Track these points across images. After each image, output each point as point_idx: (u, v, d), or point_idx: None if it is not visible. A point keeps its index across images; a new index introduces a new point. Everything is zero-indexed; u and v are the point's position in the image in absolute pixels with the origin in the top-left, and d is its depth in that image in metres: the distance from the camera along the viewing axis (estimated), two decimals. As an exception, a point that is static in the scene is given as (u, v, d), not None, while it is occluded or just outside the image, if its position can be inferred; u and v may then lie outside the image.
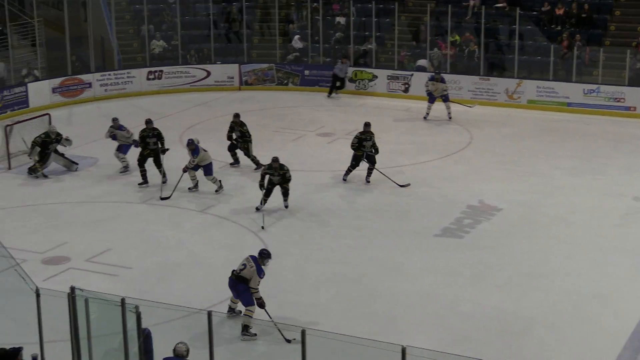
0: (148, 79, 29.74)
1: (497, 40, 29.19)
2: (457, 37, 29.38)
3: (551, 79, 27.63)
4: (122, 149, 21.63)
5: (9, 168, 21.78)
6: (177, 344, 11.07)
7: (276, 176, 18.63)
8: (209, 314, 10.74)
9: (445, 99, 26.11)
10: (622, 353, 13.21)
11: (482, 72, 28.45)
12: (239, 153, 21.88)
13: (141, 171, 20.56)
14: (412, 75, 29.02)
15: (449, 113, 26.01)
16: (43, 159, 21.20)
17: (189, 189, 19.90)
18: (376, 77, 29.55)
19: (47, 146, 21.21)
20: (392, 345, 9.68)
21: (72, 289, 10.92)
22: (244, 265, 13.82)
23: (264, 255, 13.99)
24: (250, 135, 21.77)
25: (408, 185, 20.29)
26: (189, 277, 15.81)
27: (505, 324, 14.18)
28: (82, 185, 20.75)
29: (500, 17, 29.60)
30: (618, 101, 26.77)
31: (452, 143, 24.06)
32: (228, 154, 21.86)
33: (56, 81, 28.23)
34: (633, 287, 15.46)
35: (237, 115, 21.97)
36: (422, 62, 29.42)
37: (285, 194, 18.85)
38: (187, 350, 10.95)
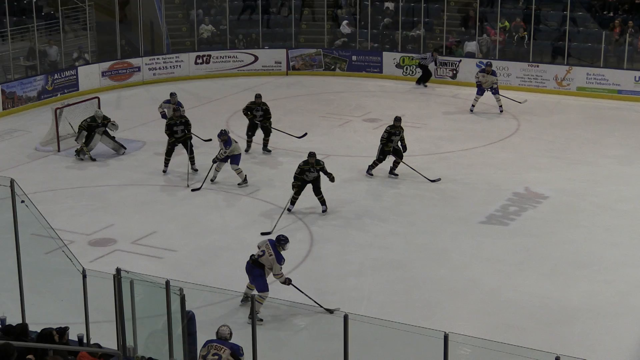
0: (196, 63, 29.89)
1: (548, 26, 28.91)
2: (507, 24, 29.13)
3: (602, 66, 27.33)
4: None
5: (58, 150, 22.04)
6: (221, 326, 11.15)
7: (312, 172, 17.96)
8: (252, 297, 10.83)
9: (495, 91, 25.30)
10: (668, 344, 13.11)
11: (531, 59, 28.22)
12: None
13: (165, 159, 20.53)
14: (460, 61, 28.86)
15: (500, 106, 25.29)
16: (89, 142, 21.43)
17: (211, 180, 19.72)
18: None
19: (93, 130, 21.43)
20: (434, 332, 9.67)
21: (118, 270, 11.04)
22: (263, 252, 13.79)
23: (282, 241, 13.97)
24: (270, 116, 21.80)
25: (439, 180, 19.86)
26: (233, 260, 15.85)
27: (549, 312, 14.11)
28: (128, 168, 20.94)
29: (552, 3, 29.29)
30: (669, 89, 26.46)
31: (499, 130, 23.92)
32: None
33: (106, 65, 28.48)
34: (680, 277, 15.31)
35: (258, 96, 21.93)
36: (471, 45, 29.22)
37: (320, 196, 18.08)
38: (230, 333, 11.03)
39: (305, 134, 22.14)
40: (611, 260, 15.98)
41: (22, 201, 11.45)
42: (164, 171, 20.44)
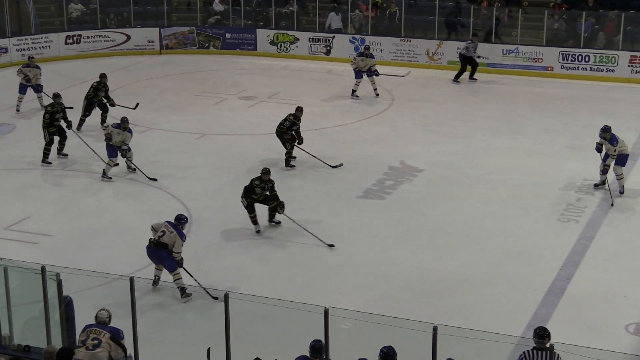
0: (66, 43, 29.22)
1: (417, 1, 29.27)
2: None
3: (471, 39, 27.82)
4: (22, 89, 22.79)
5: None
6: (99, 310, 10.96)
7: (265, 190, 16.28)
8: (131, 280, 10.66)
9: (372, 74, 24.56)
10: (540, 308, 13.49)
11: (402, 34, 28.53)
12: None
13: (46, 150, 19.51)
14: (333, 37, 29.00)
15: (375, 89, 24.86)
16: None
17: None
18: (298, 39, 29.46)
19: None
20: (315, 307, 9.73)
21: (-9, 257, 10.77)
22: (163, 232, 13.80)
23: (183, 220, 13.97)
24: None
25: (340, 165, 19.60)
26: (111, 243, 15.68)
27: (426, 283, 14.36)
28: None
29: (421, -22, 29.70)
30: (536, 61, 27.11)
31: (374, 105, 24.15)
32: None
33: (-29, 46, 27.64)
34: (551, 244, 15.77)
35: (104, 76, 21.74)
36: (336, 21, 29.28)
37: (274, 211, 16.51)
38: (109, 317, 10.85)
39: (137, 104, 21.68)
40: (485, 230, 16.35)
41: None
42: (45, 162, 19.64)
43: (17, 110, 23.16)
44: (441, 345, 9.30)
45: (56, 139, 19.56)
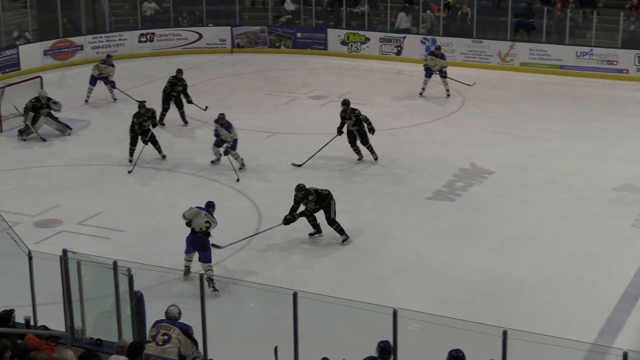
0: (140, 41, 29.58)
1: (490, 2, 29.03)
2: (450, 0, 29.22)
3: (544, 41, 27.53)
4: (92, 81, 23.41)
5: (1, 131, 21.70)
6: (170, 306, 11.08)
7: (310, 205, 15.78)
8: (201, 276, 10.76)
9: (443, 75, 24.57)
10: (613, 315, 13.27)
11: (474, 35, 28.33)
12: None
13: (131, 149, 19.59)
14: (404, 37, 28.90)
15: (447, 90, 24.77)
16: (35, 122, 21.13)
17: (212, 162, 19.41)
18: (368, 39, 29.42)
19: (38, 111, 21.14)
20: (383, 308, 9.69)
21: (65, 251, 10.91)
22: (209, 222, 14.14)
23: (213, 205, 14.43)
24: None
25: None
26: (181, 240, 15.72)
27: (496, 286, 14.22)
28: (73, 148, 20.67)
29: (493, -21, 29.46)
30: (611, 64, 26.71)
31: (444, 106, 24.01)
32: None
33: (47, 43, 28.06)
34: (624, 249, 15.50)
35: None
36: (405, 20, 29.19)
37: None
38: (179, 313, 10.96)
39: (207, 107, 21.86)
40: (556, 233, 16.14)
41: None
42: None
43: (86, 101, 23.74)
44: (511, 350, 9.20)
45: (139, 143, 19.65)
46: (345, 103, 19.62)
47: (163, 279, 13.72)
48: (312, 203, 15.61)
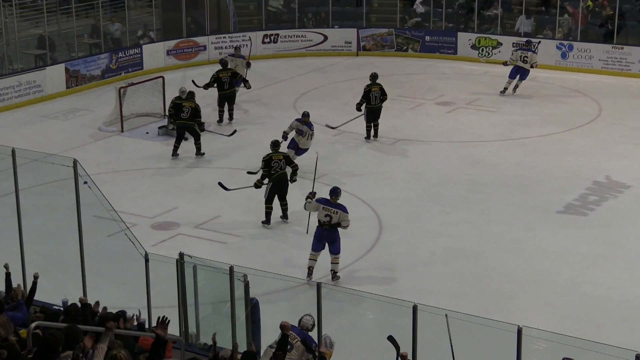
0: (263, 42, 30.00)
1: (635, 5, 28.40)
2: (590, 3, 28.72)
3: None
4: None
5: (122, 131, 22.32)
6: (304, 315, 11.07)
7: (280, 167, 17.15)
8: (318, 285, 10.83)
9: (524, 76, 25.40)
10: None
11: (615, 40, 27.79)
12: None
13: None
14: (539, 42, 28.53)
15: (516, 87, 25.46)
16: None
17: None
18: (501, 44, 29.15)
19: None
20: (507, 325, 9.63)
21: (181, 255, 11.17)
22: (329, 216, 14.50)
23: (339, 192, 14.83)
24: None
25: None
26: (299, 246, 15.93)
27: (628, 308, 13.94)
28: (192, 150, 21.06)
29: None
30: None
31: (579, 115, 23.64)
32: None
33: (171, 43, 28.74)
34: None
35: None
36: (526, 24, 28.90)
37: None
38: (314, 325, 10.93)
39: (235, 131, 21.69)
40: (696, 254, 15.74)
41: (85, 182, 11.64)
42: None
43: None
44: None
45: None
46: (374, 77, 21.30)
47: (280, 287, 13.88)
48: (282, 162, 16.87)
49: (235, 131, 21.54)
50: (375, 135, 21.73)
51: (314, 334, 10.82)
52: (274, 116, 23.22)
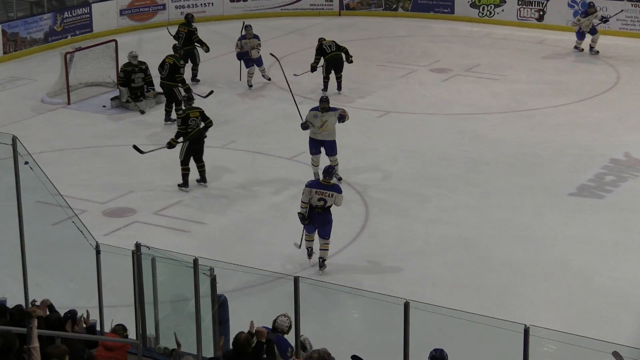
0: (231, 1, 29.89)
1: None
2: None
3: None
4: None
5: (68, 103, 22.21)
6: (279, 316, 11.08)
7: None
8: (296, 280, 10.81)
9: (593, 31, 25.65)
10: None
11: (633, -2, 27.89)
12: None
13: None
14: (548, 0, 28.57)
15: (593, 47, 25.59)
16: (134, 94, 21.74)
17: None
18: (504, 2, 29.18)
19: (130, 76, 21.49)
20: (512, 324, 9.66)
21: (138, 246, 11.13)
22: (323, 199, 14.59)
23: (332, 171, 15.07)
24: None
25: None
26: (274, 236, 15.95)
27: (650, 303, 14.06)
28: (152, 125, 21.01)
29: None
30: None
31: (594, 83, 23.72)
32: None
33: (124, 2, 28.60)
34: None
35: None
36: None
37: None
38: (289, 327, 10.92)
39: (212, 91, 21.90)
40: None
41: (26, 162, 11.56)
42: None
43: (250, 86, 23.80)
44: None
45: None
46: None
47: (251, 282, 13.88)
48: (198, 119, 17.54)
49: (212, 92, 21.72)
50: (339, 88, 22.69)
51: (290, 337, 10.81)
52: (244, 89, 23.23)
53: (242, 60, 23.48)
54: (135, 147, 17.84)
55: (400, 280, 14.56)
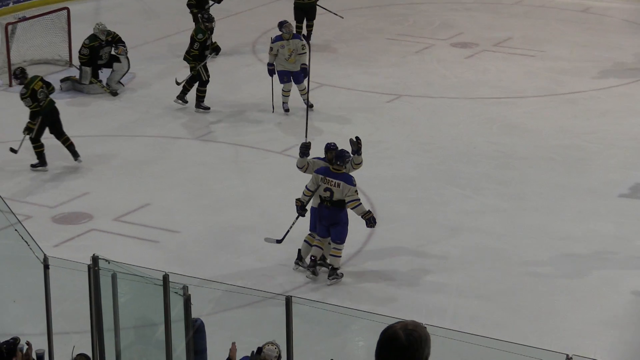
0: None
1: None
2: None
3: None
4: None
5: (10, 85, 22.18)
6: (266, 344, 11.09)
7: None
8: (288, 300, 10.83)
9: None
10: None
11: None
12: None
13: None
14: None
15: None
16: (97, 74, 21.71)
17: None
18: (541, -39, 29.29)
19: (97, 51, 21.44)
20: (551, 354, 9.69)
21: (95, 259, 11.13)
22: (329, 190, 14.59)
23: (346, 157, 14.82)
24: None
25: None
26: (260, 247, 15.93)
27: None
28: (113, 112, 21.02)
29: None
30: None
31: (651, 60, 23.82)
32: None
33: (78, -38, 28.66)
34: None
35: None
36: None
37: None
38: (279, 357, 10.98)
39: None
40: None
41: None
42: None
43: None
44: None
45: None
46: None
47: (233, 303, 13.89)
48: (45, 89, 18.05)
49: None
50: (308, 37, 23.16)
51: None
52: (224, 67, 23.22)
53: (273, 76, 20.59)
54: (11, 149, 18.43)
55: (415, 301, 14.58)
